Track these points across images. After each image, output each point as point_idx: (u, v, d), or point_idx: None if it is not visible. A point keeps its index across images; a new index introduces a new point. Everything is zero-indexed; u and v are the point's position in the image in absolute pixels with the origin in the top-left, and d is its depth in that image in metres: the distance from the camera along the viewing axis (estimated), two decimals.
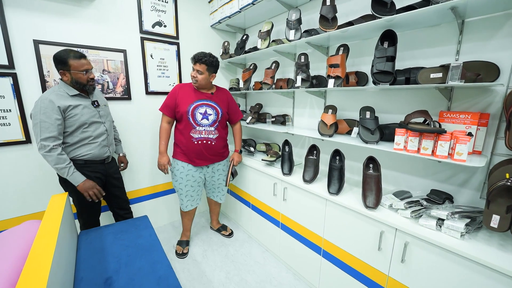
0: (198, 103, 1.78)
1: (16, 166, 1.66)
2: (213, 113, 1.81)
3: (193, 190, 1.93)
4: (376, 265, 1.24)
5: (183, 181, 1.88)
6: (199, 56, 1.71)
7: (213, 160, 1.92)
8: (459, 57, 1.18)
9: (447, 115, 1.18)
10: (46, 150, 1.33)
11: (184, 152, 1.84)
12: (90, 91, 1.51)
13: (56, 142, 1.36)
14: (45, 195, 1.76)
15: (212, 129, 1.83)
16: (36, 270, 0.84)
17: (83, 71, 1.41)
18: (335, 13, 1.44)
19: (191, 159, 1.84)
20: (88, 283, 1.14)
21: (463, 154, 1.01)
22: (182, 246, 2.06)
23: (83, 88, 1.46)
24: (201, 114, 1.78)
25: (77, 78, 1.41)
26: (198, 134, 1.79)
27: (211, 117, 1.81)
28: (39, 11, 1.62)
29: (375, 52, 1.27)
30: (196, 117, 1.77)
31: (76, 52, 1.41)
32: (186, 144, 1.80)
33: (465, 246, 0.95)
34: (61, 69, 1.39)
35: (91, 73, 1.47)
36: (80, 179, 1.44)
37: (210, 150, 1.86)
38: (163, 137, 1.85)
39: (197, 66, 1.72)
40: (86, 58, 1.45)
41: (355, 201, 1.34)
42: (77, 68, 1.39)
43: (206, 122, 1.80)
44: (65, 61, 1.37)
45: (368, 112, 1.43)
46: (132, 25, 2.00)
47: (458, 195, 1.25)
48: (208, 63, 1.72)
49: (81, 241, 1.46)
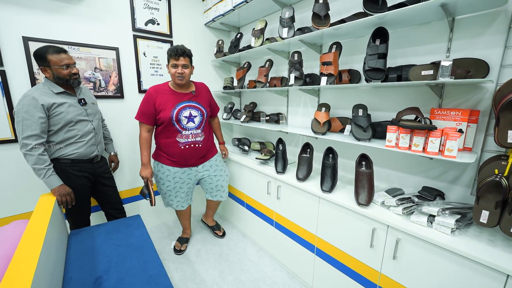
0: (180, 106, 1.66)
1: (5, 164, 1.63)
2: (198, 114, 1.71)
3: (182, 191, 1.86)
4: (368, 262, 1.24)
5: (170, 184, 1.79)
6: (183, 48, 1.58)
7: (202, 161, 1.86)
8: (450, 55, 1.19)
9: (438, 112, 1.19)
10: (27, 149, 1.30)
11: (169, 156, 1.74)
12: (75, 85, 1.45)
13: (38, 141, 1.33)
14: (35, 194, 1.73)
15: (199, 132, 1.74)
16: (21, 270, 0.82)
17: (63, 66, 1.37)
18: (327, 11, 1.44)
19: (177, 162, 1.75)
20: (77, 283, 1.12)
21: (453, 151, 1.01)
22: (180, 243, 2.06)
23: (66, 83, 1.42)
24: (186, 118, 1.67)
25: (58, 74, 1.37)
26: (185, 138, 1.70)
27: (197, 119, 1.71)
28: (28, 8, 1.59)
29: (367, 49, 1.27)
30: (181, 122, 1.66)
31: (55, 47, 1.37)
32: (172, 150, 1.71)
33: (455, 242, 0.95)
34: (41, 65, 1.36)
35: (73, 67, 1.41)
36: (56, 184, 1.38)
37: (197, 154, 1.78)
38: (144, 148, 1.69)
39: (182, 60, 1.58)
40: (66, 53, 1.40)
41: (347, 198, 1.34)
42: (56, 63, 1.35)
43: (193, 125, 1.70)
44: (43, 57, 1.33)
45: (361, 110, 1.43)
46: (124, 22, 1.98)
47: (449, 191, 1.26)
48: (190, 55, 1.63)
49: (71, 240, 1.44)
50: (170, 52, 1.58)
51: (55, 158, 1.44)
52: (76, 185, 1.48)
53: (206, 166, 1.89)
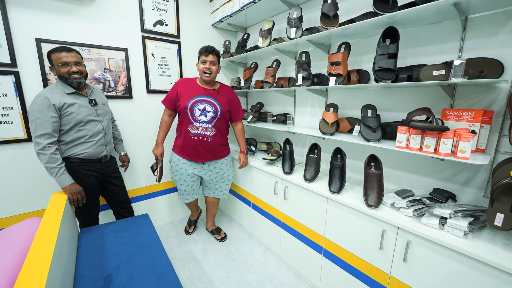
0: (198, 99, 1.78)
1: (18, 163, 1.67)
2: (211, 110, 1.80)
3: (187, 184, 1.97)
4: (377, 264, 1.22)
5: (177, 174, 1.95)
6: (211, 47, 1.75)
7: (210, 158, 1.91)
8: (462, 54, 1.17)
9: (450, 112, 1.17)
10: (40, 147, 1.33)
11: (181, 146, 1.87)
12: (74, 85, 1.43)
13: (51, 140, 1.36)
14: (46, 193, 1.76)
15: (209, 126, 1.82)
16: (36, 267, 0.84)
17: (60, 64, 1.37)
18: (336, 11, 1.43)
19: (187, 153, 1.87)
20: (88, 280, 1.13)
21: (466, 152, 1.00)
22: (189, 225, 2.33)
23: (66, 82, 1.42)
24: (200, 110, 1.78)
25: (58, 71, 1.39)
26: (195, 129, 1.80)
27: (209, 114, 1.80)
28: (41, 10, 1.62)
29: (377, 49, 1.26)
30: (194, 113, 1.78)
31: (60, 46, 1.39)
32: (184, 138, 1.84)
33: (469, 245, 0.94)
34: (50, 65, 1.40)
35: (71, 66, 1.39)
36: (67, 182, 1.40)
37: (206, 147, 1.85)
38: (162, 129, 1.92)
39: (211, 57, 1.74)
40: (70, 51, 1.39)
41: (356, 199, 1.33)
42: (56, 61, 1.37)
43: (204, 118, 1.80)
44: (49, 56, 1.38)
45: (370, 110, 1.42)
46: (133, 23, 2.00)
47: (461, 193, 1.24)
48: (218, 54, 1.79)
49: (82, 238, 1.46)
50: (201, 50, 1.76)
51: (65, 157, 1.46)
52: (85, 184, 1.51)
53: (212, 166, 1.95)
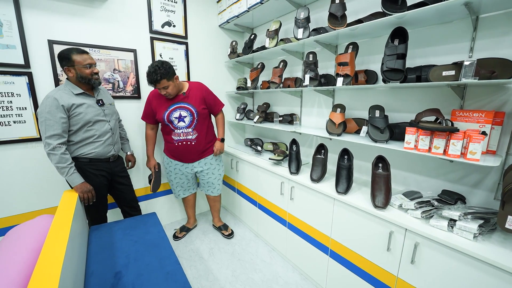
0: (171, 108, 1.81)
1: (31, 162, 1.71)
2: (187, 114, 1.83)
3: (182, 182, 2.08)
4: (384, 266, 1.22)
5: (172, 174, 2.05)
6: (153, 78, 1.63)
7: (197, 158, 1.99)
8: (473, 54, 1.15)
9: (459, 113, 1.15)
10: (50, 148, 1.36)
11: (169, 150, 1.98)
12: (95, 85, 1.52)
13: (61, 140, 1.39)
14: (57, 190, 1.81)
15: (189, 131, 1.87)
16: (50, 262, 0.86)
17: (86, 65, 1.44)
18: (344, 11, 1.42)
19: (177, 157, 1.97)
20: (98, 277, 1.16)
21: (476, 153, 0.98)
22: (181, 230, 2.28)
23: (88, 83, 1.48)
24: (177, 118, 1.82)
25: (81, 73, 1.43)
26: (177, 136, 1.87)
27: (187, 119, 1.84)
28: (53, 12, 1.67)
29: (385, 49, 1.25)
30: (173, 122, 1.83)
31: (78, 48, 1.45)
32: (170, 145, 1.94)
33: (479, 247, 0.92)
34: (65, 65, 1.42)
35: (94, 67, 1.49)
36: (78, 181, 1.44)
37: (191, 151, 1.93)
38: (149, 143, 1.99)
39: (159, 85, 1.68)
40: (88, 54, 1.48)
41: (363, 200, 1.33)
42: (80, 62, 1.42)
43: (183, 124, 1.85)
44: (69, 57, 1.40)
45: (378, 111, 1.41)
46: (142, 25, 2.04)
47: (470, 196, 1.22)
48: (164, 75, 1.64)
49: (92, 236, 1.49)
50: (148, 82, 1.69)
51: (74, 157, 1.49)
52: (94, 183, 1.54)
53: (202, 163, 2.03)
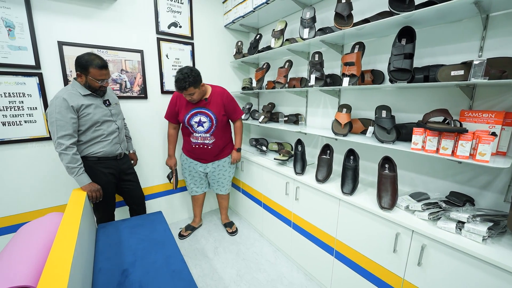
0: (192, 112, 1.87)
1: (41, 160, 1.75)
2: (207, 120, 1.89)
3: (195, 179, 2.15)
4: (391, 268, 1.21)
5: (186, 171, 2.13)
6: (181, 85, 1.67)
7: (212, 160, 2.06)
8: (483, 54, 1.13)
9: (468, 114, 1.13)
10: (63, 148, 1.39)
11: (187, 150, 2.05)
12: (100, 95, 1.54)
13: (71, 140, 1.41)
14: (66, 189, 1.85)
15: (207, 136, 1.93)
16: (60, 259, 0.89)
17: (98, 80, 1.45)
18: (350, 11, 1.41)
19: (193, 156, 2.04)
20: (106, 274, 1.18)
21: (486, 155, 0.97)
22: (186, 229, 2.29)
23: (94, 92, 1.50)
24: (196, 123, 1.89)
25: (91, 84, 1.45)
26: (195, 139, 1.95)
27: (206, 125, 1.90)
28: (63, 14, 1.70)
29: (392, 49, 1.24)
30: (192, 126, 1.90)
31: (99, 60, 1.44)
32: (188, 146, 2.02)
33: (488, 250, 0.91)
34: (79, 71, 1.43)
35: (106, 82, 1.50)
36: (86, 181, 1.47)
37: (207, 154, 2.00)
38: (170, 142, 2.08)
39: (186, 92, 1.72)
40: (107, 68, 1.48)
41: (369, 201, 1.32)
42: (95, 76, 1.43)
43: (202, 129, 1.91)
44: (86, 67, 1.41)
45: (384, 111, 1.40)
46: (149, 26, 2.06)
47: (479, 198, 1.20)
48: (192, 83, 1.68)
49: (99, 234, 1.52)
50: (176, 88, 1.73)
51: (83, 156, 1.52)
52: (102, 182, 1.57)
53: (215, 164, 2.09)
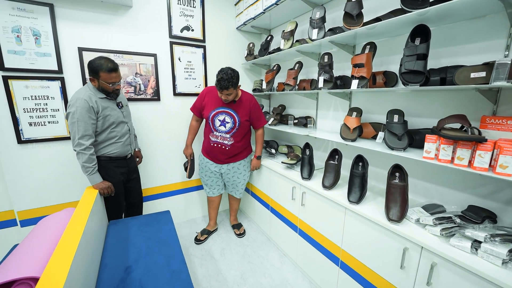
0: (218, 110, 1.89)
1: (61, 159, 1.88)
2: (230, 121, 1.90)
3: (211, 180, 2.15)
4: (398, 284, 1.12)
5: (203, 171, 2.15)
6: (224, 84, 1.71)
7: (228, 161, 2.05)
8: (509, 53, 1.01)
9: (491, 120, 1.02)
10: (82, 148, 1.46)
11: (205, 149, 2.07)
12: (113, 98, 1.60)
13: (91, 141, 1.49)
14: (83, 186, 1.96)
15: (227, 136, 1.94)
16: (63, 254, 0.94)
17: (109, 83, 1.50)
18: (360, 9, 1.34)
19: (210, 156, 2.04)
20: (110, 270, 1.24)
21: (508, 167, 0.86)
22: (202, 233, 2.26)
23: (107, 95, 1.57)
24: (220, 121, 1.91)
25: (104, 87, 1.51)
26: (215, 138, 1.96)
27: (228, 125, 1.91)
28: (83, 21, 1.81)
29: (404, 49, 1.15)
30: (215, 123, 1.91)
31: (109, 63, 1.48)
32: (206, 143, 2.03)
33: (508, 276, 0.81)
34: (91, 76, 1.50)
35: (118, 84, 1.55)
36: (98, 180, 1.54)
37: (224, 154, 2.00)
38: (190, 132, 2.11)
39: (227, 91, 1.75)
40: (117, 71, 1.52)
41: (377, 212, 1.24)
42: (105, 79, 1.49)
43: (223, 129, 1.92)
44: (96, 71, 1.47)
45: (396, 116, 1.31)
46: (162, 30, 2.12)
47: (503, 214, 1.07)
48: (233, 85, 1.74)
49: (110, 230, 1.60)
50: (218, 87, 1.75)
51: (97, 156, 1.60)
52: (113, 180, 1.64)
53: (230, 165, 2.07)
